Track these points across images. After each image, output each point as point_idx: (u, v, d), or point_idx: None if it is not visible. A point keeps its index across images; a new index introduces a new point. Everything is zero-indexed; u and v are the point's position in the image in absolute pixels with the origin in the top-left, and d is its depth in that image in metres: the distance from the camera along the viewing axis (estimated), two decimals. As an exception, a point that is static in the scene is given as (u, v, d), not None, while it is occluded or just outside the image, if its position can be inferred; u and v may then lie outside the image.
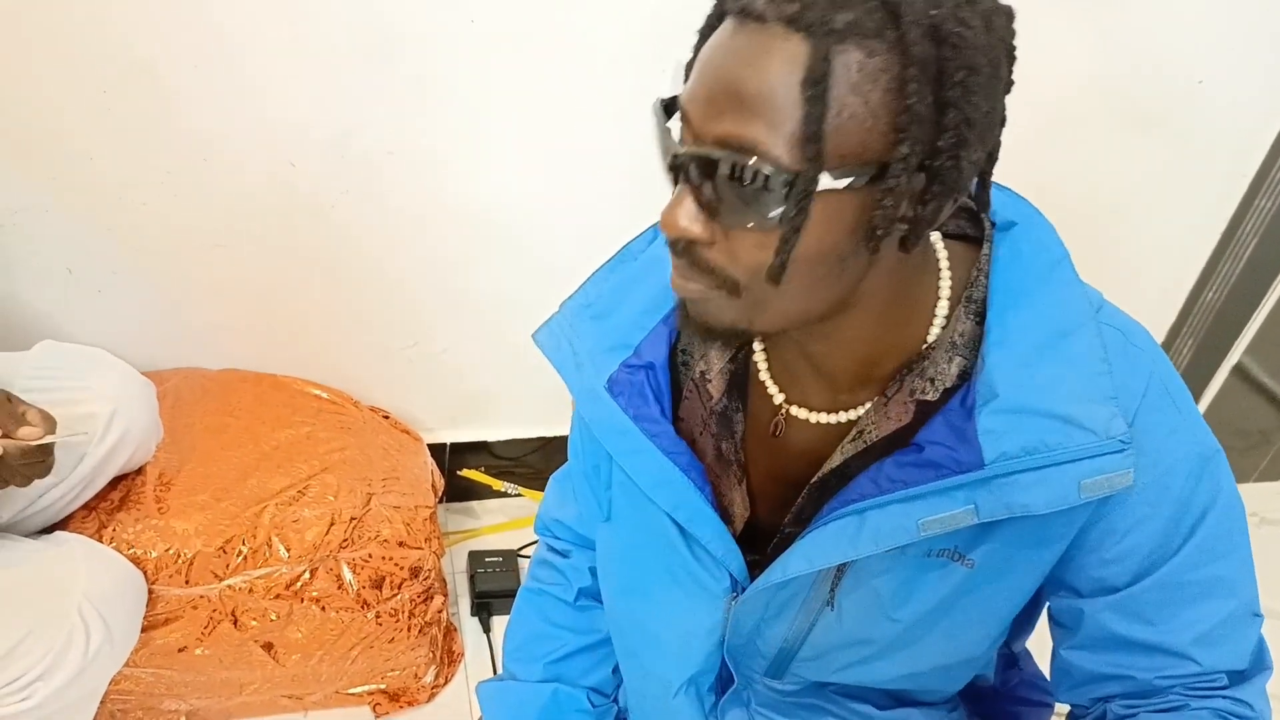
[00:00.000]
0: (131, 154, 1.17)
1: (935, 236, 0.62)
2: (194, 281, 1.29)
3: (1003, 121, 0.54)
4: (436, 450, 1.49)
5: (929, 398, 0.60)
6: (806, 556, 0.62)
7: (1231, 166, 1.63)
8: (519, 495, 1.59)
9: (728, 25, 0.50)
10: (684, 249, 0.53)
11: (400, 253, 1.34)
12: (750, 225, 0.51)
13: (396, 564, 1.20)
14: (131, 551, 1.08)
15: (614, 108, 1.27)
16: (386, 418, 1.42)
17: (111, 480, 1.11)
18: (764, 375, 0.67)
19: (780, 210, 0.49)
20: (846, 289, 0.56)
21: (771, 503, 0.68)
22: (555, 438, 1.62)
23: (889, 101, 0.48)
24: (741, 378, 0.68)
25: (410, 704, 1.28)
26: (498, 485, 1.57)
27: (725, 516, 0.67)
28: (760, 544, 0.67)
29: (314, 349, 1.38)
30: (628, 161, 1.31)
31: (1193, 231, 1.71)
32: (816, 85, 0.47)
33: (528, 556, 1.50)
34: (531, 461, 1.64)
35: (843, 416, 0.64)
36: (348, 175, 1.25)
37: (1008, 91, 0.53)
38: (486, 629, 1.40)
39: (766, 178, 0.48)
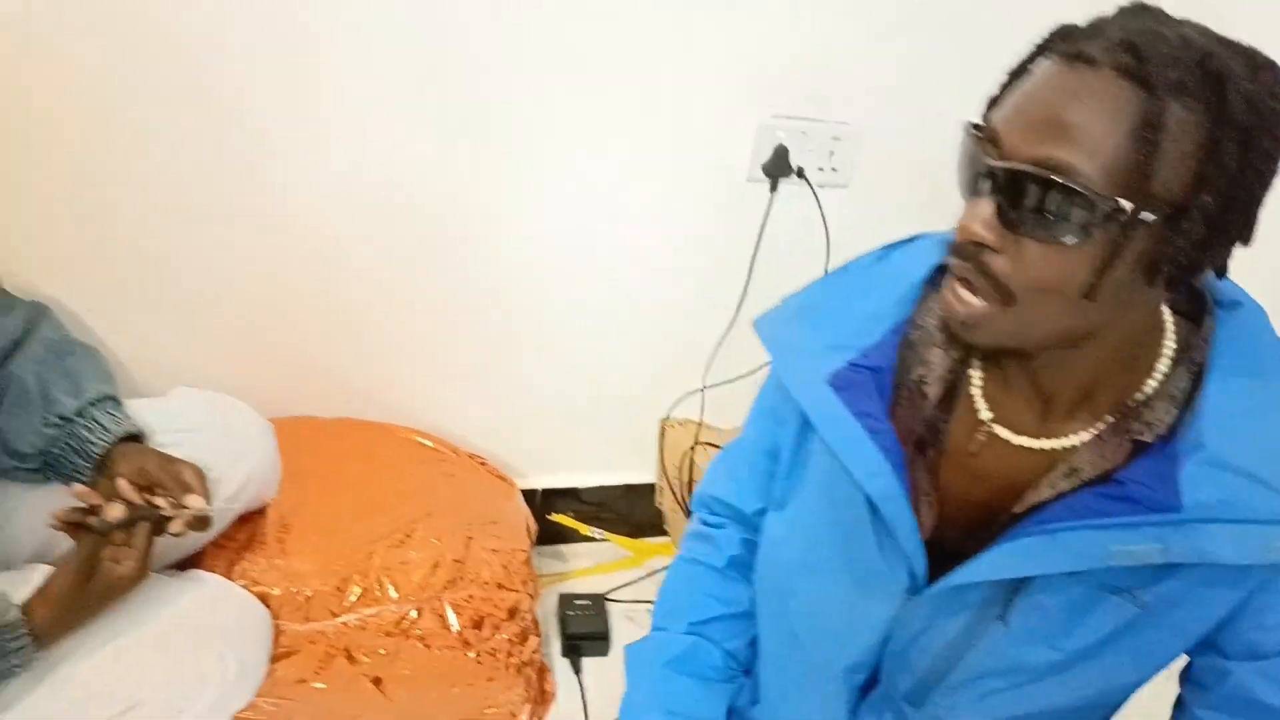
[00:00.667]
0: (250, 212, 1.27)
1: (1166, 311, 0.68)
2: (308, 334, 1.39)
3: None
4: (528, 495, 1.56)
5: (1144, 439, 0.66)
6: (993, 564, 0.66)
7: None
8: (605, 540, 1.65)
9: (1054, 65, 0.58)
10: (973, 253, 0.61)
11: (496, 309, 1.43)
12: (1045, 238, 0.58)
13: (495, 605, 1.26)
14: (258, 588, 1.16)
15: (679, 172, 1.34)
16: (483, 464, 1.49)
17: (237, 518, 1.20)
18: (975, 391, 0.72)
19: (1081, 230, 0.57)
20: (1106, 317, 0.63)
21: (953, 515, 0.73)
22: (639, 485, 1.67)
23: (1198, 153, 0.56)
24: (952, 391, 0.73)
25: (506, 740, 1.33)
26: (585, 530, 1.63)
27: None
28: (930, 552, 0.71)
29: (417, 399, 1.47)
30: (694, 214, 1.38)
31: None
32: (1145, 130, 0.55)
33: (616, 600, 1.55)
34: (617, 507, 1.69)
35: (1046, 443, 0.70)
36: (446, 236, 1.34)
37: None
38: (577, 670, 1.45)
39: (1078, 198, 0.56)
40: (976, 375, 0.73)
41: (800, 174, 1.37)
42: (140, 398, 1.14)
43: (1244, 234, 0.60)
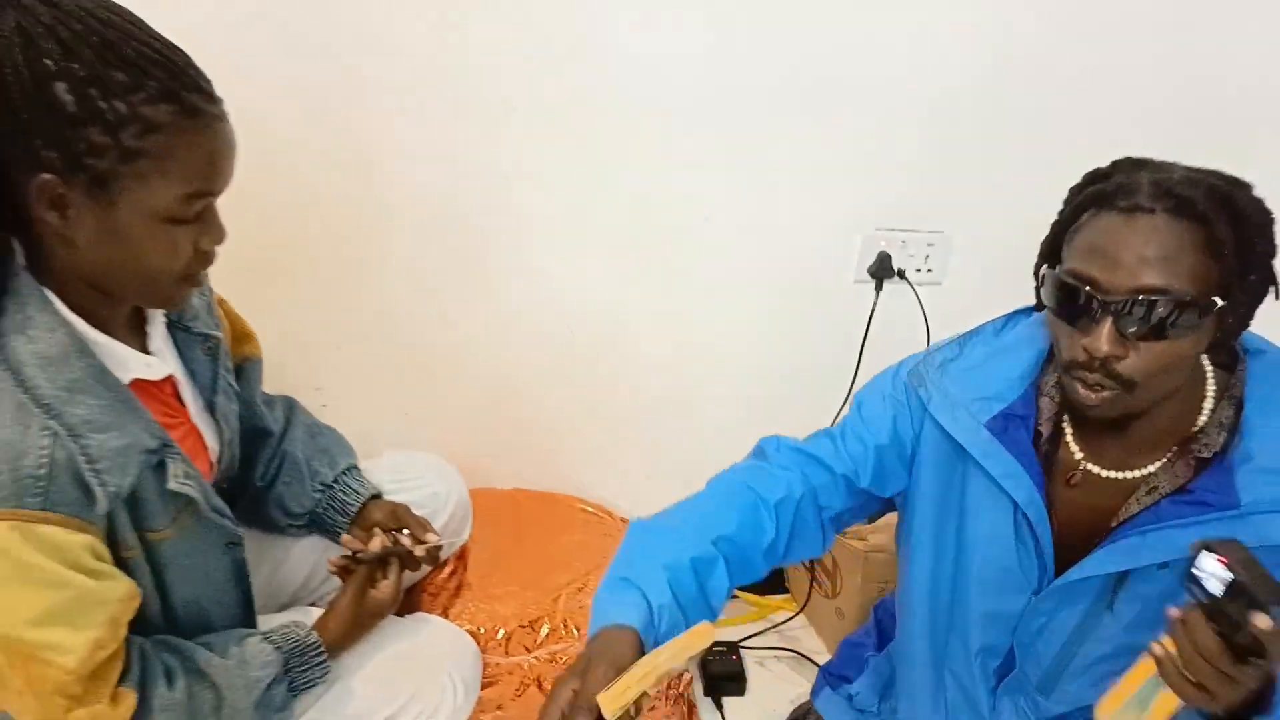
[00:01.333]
0: (444, 297, 1.57)
1: (1203, 358, 0.92)
2: (487, 413, 1.67)
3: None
4: (668, 555, 1.79)
5: (1205, 456, 0.89)
6: (1101, 561, 0.89)
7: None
8: (736, 597, 1.86)
9: (1118, 217, 0.82)
10: (1100, 364, 0.83)
11: (651, 397, 1.69)
12: (1162, 338, 0.81)
13: (657, 644, 1.49)
14: (468, 627, 1.41)
15: (801, 277, 1.60)
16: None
17: (444, 569, 1.46)
18: (1069, 439, 0.96)
19: (1187, 328, 0.80)
20: (1181, 381, 0.87)
21: (1062, 533, 0.95)
22: (763, 546, 1.89)
23: (1236, 253, 0.80)
24: (1056, 435, 0.97)
25: (664, 766, 1.54)
26: (717, 587, 1.85)
27: None
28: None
29: (578, 471, 1.74)
30: (812, 312, 1.63)
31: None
32: (1211, 245, 0.79)
33: (749, 647, 1.76)
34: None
35: (1129, 474, 0.93)
36: (610, 333, 1.62)
37: None
38: (719, 705, 1.65)
39: (1186, 306, 0.79)
40: (1068, 428, 0.96)
41: (901, 275, 1.63)
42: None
43: (1257, 305, 0.85)
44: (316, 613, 1.21)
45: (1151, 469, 0.92)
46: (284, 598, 1.35)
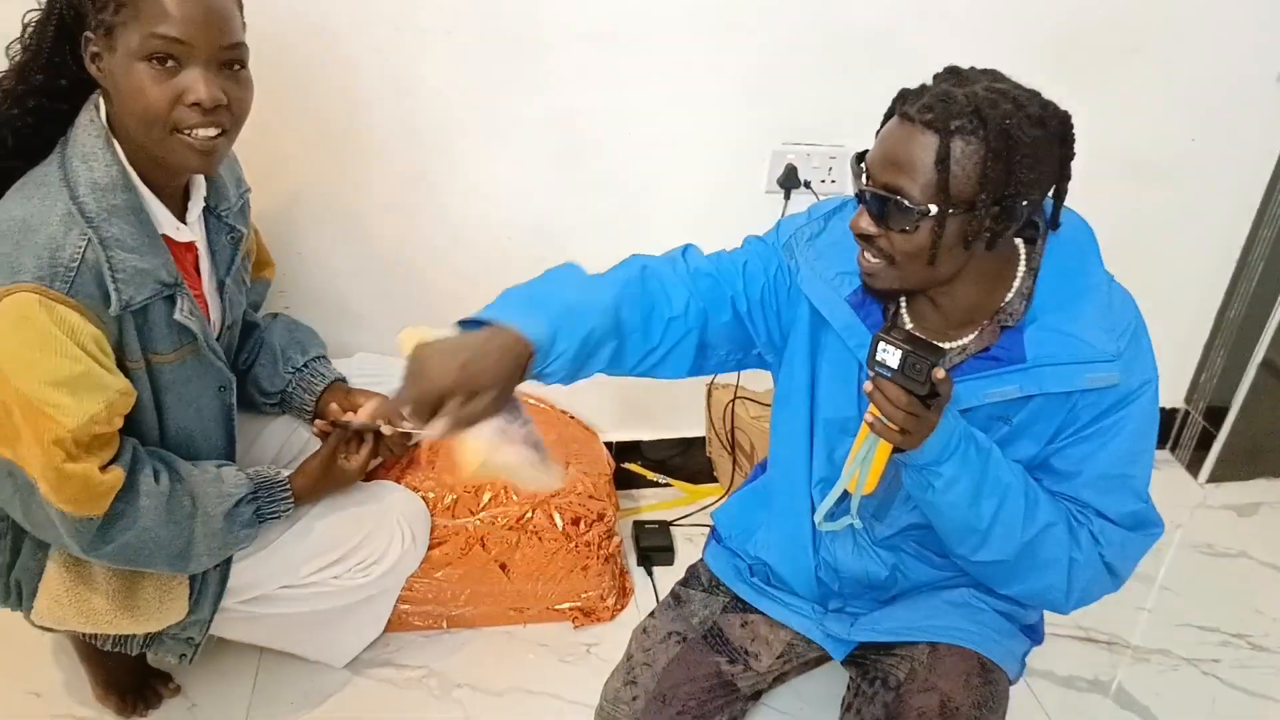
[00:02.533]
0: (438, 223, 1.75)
1: (1019, 241, 1.06)
2: (438, 323, 1.85)
3: (1065, 177, 1.00)
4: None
5: (1009, 325, 1.07)
6: None
7: (1234, 205, 2.02)
8: (669, 485, 2.07)
9: (895, 121, 0.97)
10: (865, 239, 1.01)
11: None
12: (896, 228, 0.97)
13: (588, 510, 1.69)
14: (419, 492, 1.60)
15: (716, 186, 1.79)
16: (572, 418, 1.93)
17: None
18: (904, 312, 1.13)
19: (913, 224, 0.95)
20: (955, 268, 1.01)
21: None
22: (691, 438, 2.09)
23: (976, 169, 0.92)
24: (896, 312, 1.14)
25: (598, 620, 1.74)
26: (652, 476, 2.05)
27: None
28: None
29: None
30: (728, 219, 1.81)
31: (1211, 266, 2.10)
32: (940, 161, 0.93)
33: (680, 525, 1.97)
34: (675, 461, 2.11)
35: (948, 344, 1.10)
36: (543, 243, 1.80)
37: (1068, 160, 0.99)
38: (649, 573, 1.86)
39: (905, 207, 0.95)
40: (905, 305, 1.14)
41: (807, 185, 1.81)
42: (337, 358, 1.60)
43: (1015, 217, 0.96)
44: (287, 473, 1.39)
45: (969, 338, 1.09)
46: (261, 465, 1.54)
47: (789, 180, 1.80)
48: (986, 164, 0.93)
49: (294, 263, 1.73)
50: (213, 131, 1.10)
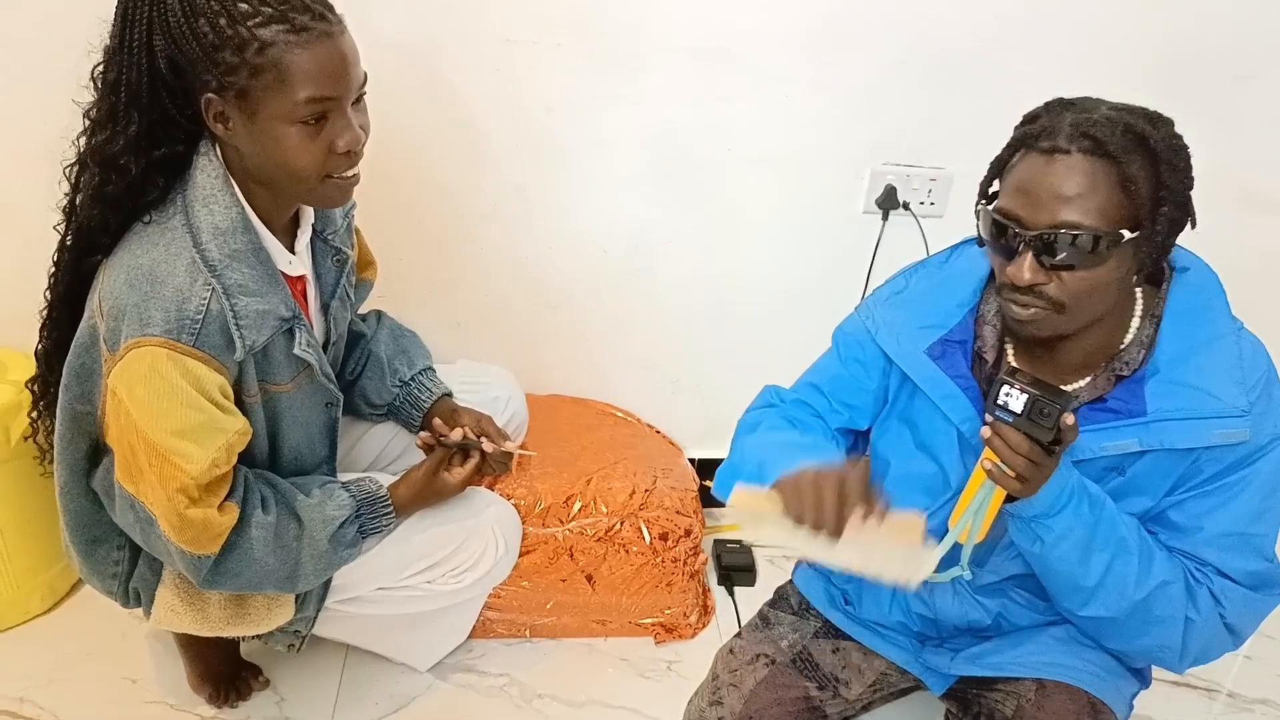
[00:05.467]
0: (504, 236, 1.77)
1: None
2: (534, 332, 1.87)
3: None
4: (688, 462, 1.98)
5: (1124, 374, 1.03)
6: None
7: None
8: (748, 503, 2.05)
9: (1039, 158, 0.93)
10: (1028, 290, 0.95)
11: (675, 314, 1.88)
12: (1081, 268, 0.92)
13: (675, 525, 1.68)
14: (510, 501, 1.61)
15: (815, 207, 1.78)
16: (658, 432, 1.93)
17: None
18: (1010, 359, 1.09)
19: (1100, 257, 0.91)
20: (1110, 305, 0.98)
21: None
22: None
23: (1151, 187, 0.91)
24: (1000, 357, 1.10)
25: (679, 637, 1.73)
26: (733, 494, 2.04)
27: None
28: None
29: (611, 380, 1.94)
30: (826, 240, 1.80)
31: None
32: (1126, 183, 0.90)
33: (762, 546, 1.94)
34: (756, 481, 2.09)
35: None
36: (640, 255, 1.81)
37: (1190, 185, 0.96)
38: (730, 593, 1.84)
39: (1091, 240, 0.91)
40: (1010, 350, 1.10)
41: (906, 207, 1.79)
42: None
43: (1175, 236, 0.95)
44: (388, 478, 1.40)
45: (1080, 384, 1.05)
46: (359, 469, 1.56)
47: (888, 201, 1.78)
48: (1163, 179, 0.91)
49: (397, 269, 1.76)
50: (357, 168, 1.13)
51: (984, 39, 1.68)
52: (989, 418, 0.96)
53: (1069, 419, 0.91)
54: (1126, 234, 0.92)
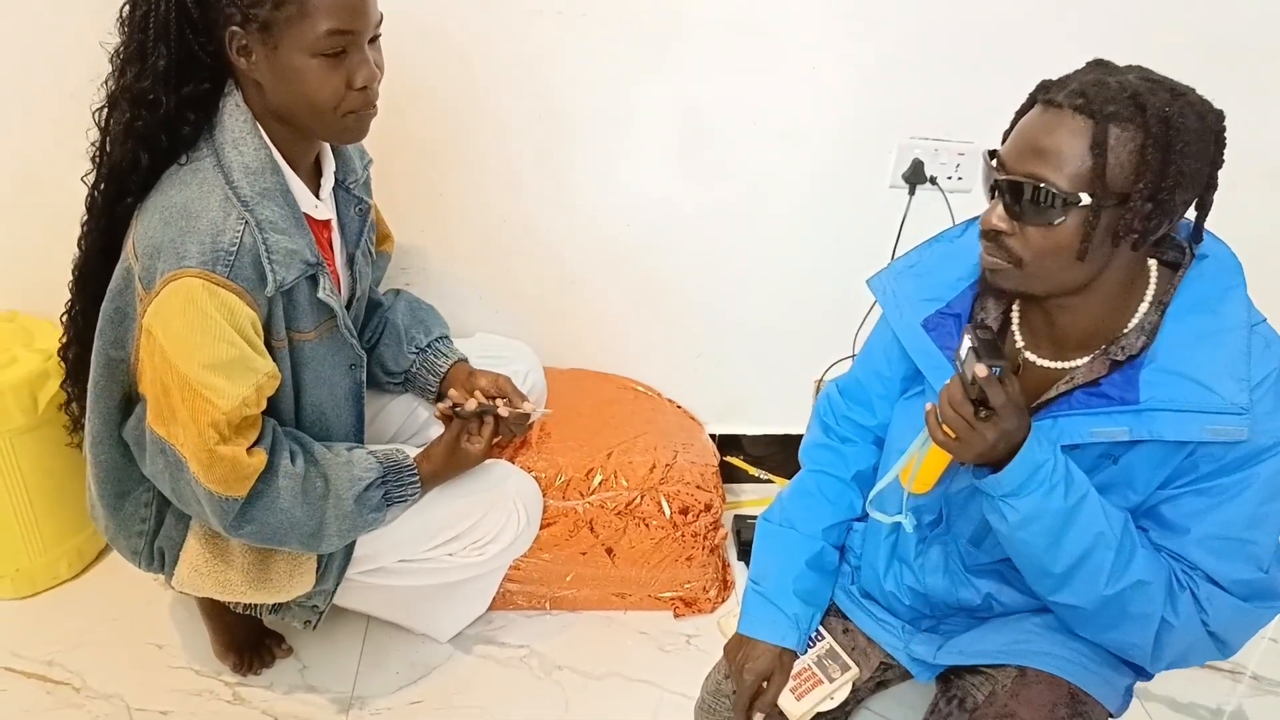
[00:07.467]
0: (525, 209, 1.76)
1: (1152, 262, 0.99)
2: (555, 306, 1.87)
3: (1212, 185, 0.92)
4: (709, 438, 1.97)
5: (1119, 359, 0.99)
6: None
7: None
8: (770, 481, 2.04)
9: (1037, 108, 0.91)
10: (994, 237, 0.94)
11: (697, 290, 1.87)
12: (1039, 224, 0.90)
13: (696, 500, 1.68)
14: (531, 473, 1.61)
15: (840, 181, 1.76)
16: (679, 407, 1.92)
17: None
18: (1015, 328, 1.07)
19: (1059, 216, 0.88)
20: (1092, 273, 0.93)
21: None
22: (796, 436, 2.05)
23: (1132, 158, 0.86)
24: (1004, 327, 1.09)
25: (699, 611, 1.73)
26: (753, 471, 2.03)
27: None
28: None
29: (632, 355, 1.93)
30: (851, 213, 1.78)
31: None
32: (1095, 146, 0.86)
33: (779, 520, 1.94)
34: (777, 457, 2.08)
35: (1059, 365, 1.03)
36: (662, 229, 1.80)
37: (1218, 164, 0.91)
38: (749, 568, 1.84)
39: (1053, 196, 0.88)
40: (1016, 318, 1.08)
41: (933, 181, 1.77)
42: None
43: (1170, 213, 0.89)
44: (414, 450, 1.40)
45: (1079, 363, 1.02)
46: (381, 441, 1.57)
47: (915, 175, 1.76)
48: (1145, 152, 0.86)
49: (416, 240, 1.76)
50: (374, 105, 1.14)
51: (1014, 12, 1.64)
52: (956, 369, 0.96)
53: (980, 370, 0.89)
54: (1085, 198, 0.88)
